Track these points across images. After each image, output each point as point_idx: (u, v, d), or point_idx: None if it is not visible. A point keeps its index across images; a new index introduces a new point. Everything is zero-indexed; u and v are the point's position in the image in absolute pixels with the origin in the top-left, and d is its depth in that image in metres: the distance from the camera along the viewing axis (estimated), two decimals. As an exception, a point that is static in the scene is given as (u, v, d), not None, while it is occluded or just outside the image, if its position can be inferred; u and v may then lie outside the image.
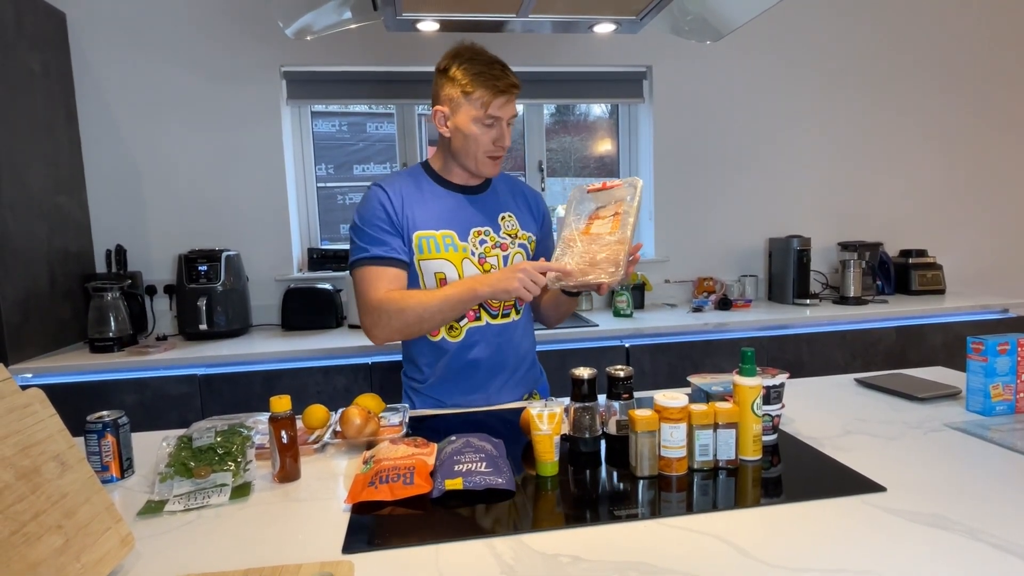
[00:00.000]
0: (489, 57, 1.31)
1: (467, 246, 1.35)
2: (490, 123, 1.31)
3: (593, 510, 0.88)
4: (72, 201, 2.31)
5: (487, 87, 1.28)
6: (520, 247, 1.41)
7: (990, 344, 1.19)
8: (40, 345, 2.08)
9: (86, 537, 0.74)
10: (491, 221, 1.39)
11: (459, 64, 1.30)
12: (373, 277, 1.31)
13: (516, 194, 1.48)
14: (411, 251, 1.34)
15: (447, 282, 1.34)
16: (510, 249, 1.39)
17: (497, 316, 1.39)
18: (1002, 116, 3.09)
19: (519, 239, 1.42)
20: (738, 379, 1.02)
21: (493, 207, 1.41)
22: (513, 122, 1.35)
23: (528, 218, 1.46)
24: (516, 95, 1.31)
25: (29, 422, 0.75)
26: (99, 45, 2.39)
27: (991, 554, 0.73)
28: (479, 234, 1.37)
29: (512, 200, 1.45)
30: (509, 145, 1.35)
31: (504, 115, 1.31)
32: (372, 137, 2.92)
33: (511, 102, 1.31)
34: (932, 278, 2.85)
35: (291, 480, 1.01)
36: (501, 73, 1.29)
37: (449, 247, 1.34)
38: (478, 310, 1.37)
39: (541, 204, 1.51)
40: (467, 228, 1.36)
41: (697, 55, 2.78)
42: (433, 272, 1.34)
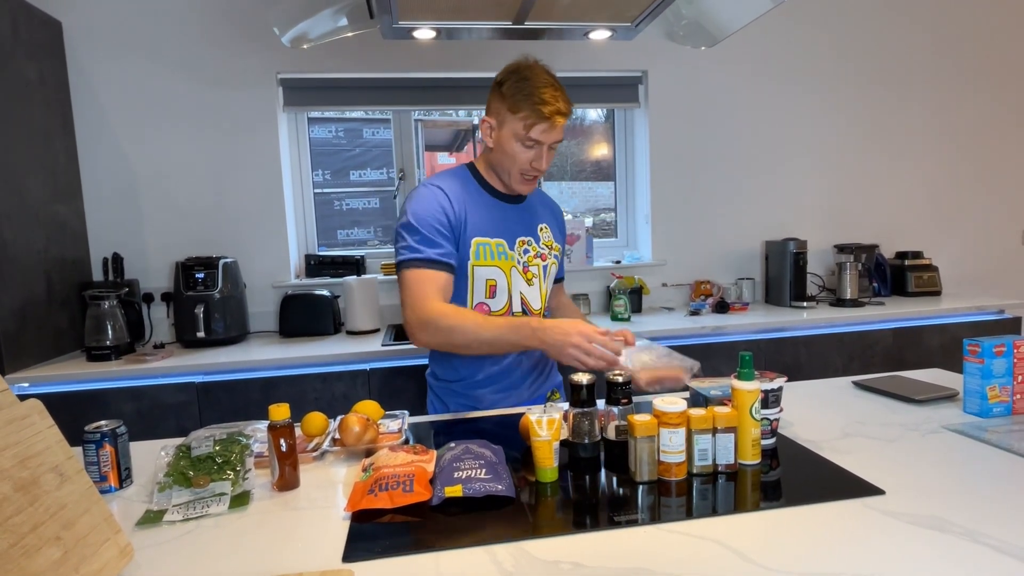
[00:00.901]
0: (543, 79, 1.29)
1: (514, 255, 1.38)
2: (531, 144, 1.30)
3: (593, 516, 0.88)
4: (69, 209, 2.31)
5: (532, 110, 1.27)
6: (555, 258, 1.47)
7: (986, 346, 1.19)
8: (37, 354, 2.07)
9: (85, 548, 0.73)
10: (532, 231, 1.43)
11: (513, 81, 1.29)
12: (426, 281, 1.27)
13: (544, 206, 1.51)
14: (465, 255, 1.32)
15: (497, 290, 1.35)
16: (548, 260, 1.45)
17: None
18: (997, 118, 3.11)
19: (553, 250, 1.47)
20: (736, 383, 1.02)
21: (532, 217, 1.44)
22: (557, 146, 1.34)
23: (556, 231, 1.51)
24: (563, 122, 1.30)
25: (27, 433, 0.75)
26: (95, 53, 2.39)
27: (991, 556, 0.73)
28: (523, 243, 1.40)
29: (545, 211, 1.50)
30: (546, 168, 1.35)
31: (546, 140, 1.30)
32: (369, 143, 2.92)
33: (556, 128, 1.30)
34: (928, 280, 2.86)
35: (290, 488, 1.01)
36: (551, 98, 1.26)
37: (501, 255, 1.36)
38: (520, 316, 1.39)
39: (561, 217, 1.57)
40: (514, 237, 1.39)
41: (692, 60, 2.79)
42: (484, 279, 1.35)
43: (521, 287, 1.39)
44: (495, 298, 1.36)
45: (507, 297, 1.37)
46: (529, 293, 1.40)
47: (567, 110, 1.30)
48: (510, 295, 1.37)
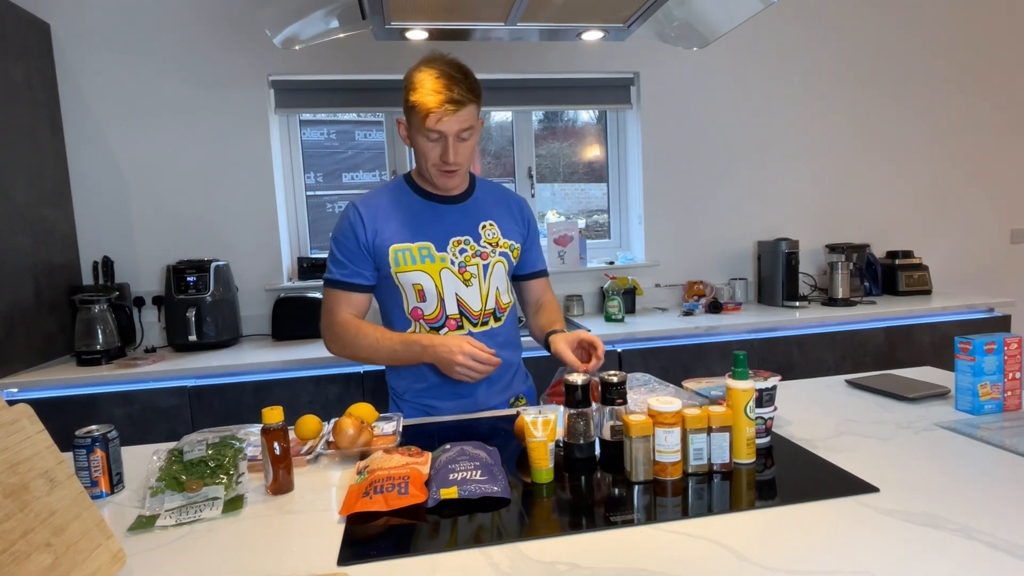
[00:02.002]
0: (442, 69, 1.25)
1: (446, 255, 1.36)
2: (435, 137, 1.27)
3: (589, 516, 0.88)
4: (58, 213, 2.29)
5: (424, 101, 1.23)
6: (501, 255, 1.41)
7: (977, 344, 1.20)
8: (26, 359, 2.05)
9: (76, 554, 0.72)
10: (471, 230, 1.39)
11: (413, 75, 1.28)
12: (336, 300, 1.37)
13: (500, 202, 1.46)
14: (386, 264, 1.35)
15: (425, 293, 1.35)
16: (491, 258, 1.40)
17: (477, 324, 1.39)
18: (986, 119, 3.14)
19: (500, 247, 1.41)
20: (731, 383, 1.03)
21: (473, 216, 1.40)
22: (470, 135, 1.29)
23: (512, 226, 1.45)
24: (456, 111, 1.24)
25: (17, 439, 0.74)
26: (84, 55, 2.37)
27: (985, 552, 0.73)
28: (458, 243, 1.37)
29: (496, 208, 1.44)
30: (458, 160, 1.29)
31: (445, 130, 1.25)
32: (361, 145, 2.92)
33: (451, 117, 1.24)
34: (919, 279, 2.88)
35: (284, 492, 1.01)
36: (443, 87, 1.23)
37: (426, 258, 1.34)
38: (460, 319, 1.38)
39: (526, 210, 1.50)
40: (445, 238, 1.36)
41: (684, 61, 2.80)
42: (411, 284, 1.35)
43: (456, 288, 1.36)
44: (426, 301, 1.36)
45: (438, 300, 1.36)
46: (467, 294, 1.37)
47: (461, 96, 1.23)
48: (441, 297, 1.36)
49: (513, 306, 1.47)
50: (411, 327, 1.38)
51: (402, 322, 1.38)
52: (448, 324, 1.37)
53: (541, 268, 1.54)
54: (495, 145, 3.10)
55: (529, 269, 1.51)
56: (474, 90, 1.27)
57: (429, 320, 1.37)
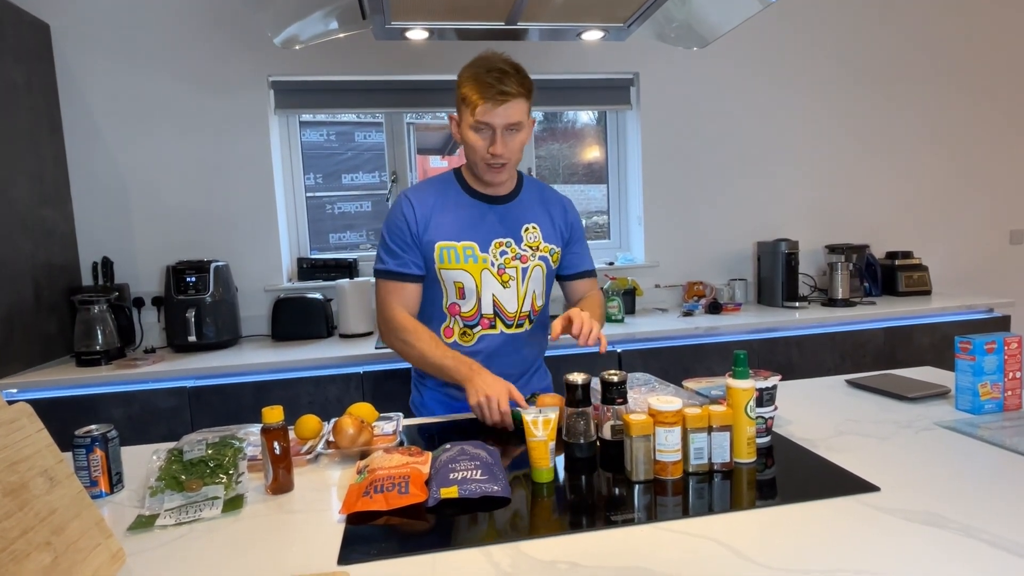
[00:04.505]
0: (492, 64, 1.28)
1: (488, 257, 1.37)
2: (482, 128, 1.29)
3: (590, 516, 0.88)
4: (57, 214, 2.29)
5: (474, 93, 1.27)
6: (540, 259, 1.42)
7: (977, 343, 1.20)
8: (26, 360, 2.05)
9: (76, 553, 0.72)
10: (513, 232, 1.40)
11: (465, 72, 1.31)
12: (390, 291, 1.38)
13: (545, 203, 1.46)
14: (431, 260, 1.36)
15: (464, 291, 1.37)
16: (530, 262, 1.40)
17: (512, 326, 1.41)
18: (985, 119, 3.14)
19: (540, 251, 1.42)
20: (731, 382, 1.03)
21: (517, 217, 1.41)
22: (518, 130, 1.31)
23: (553, 229, 1.45)
24: (506, 101, 1.26)
25: (16, 437, 0.74)
26: (84, 56, 2.37)
27: (986, 551, 0.73)
28: (500, 245, 1.38)
29: (540, 210, 1.44)
30: (504, 153, 1.30)
31: (494, 121, 1.27)
32: (361, 146, 2.92)
33: (501, 108, 1.26)
34: (918, 279, 2.89)
35: (284, 492, 1.00)
36: (495, 80, 1.25)
37: (469, 258, 1.36)
38: (494, 318, 1.39)
39: (570, 213, 1.49)
40: (488, 239, 1.38)
41: (683, 62, 2.80)
42: (453, 281, 1.37)
43: (494, 289, 1.38)
44: (465, 299, 1.38)
45: (476, 299, 1.38)
46: (503, 295, 1.38)
47: (515, 90, 1.26)
48: (479, 297, 1.37)
49: (545, 307, 1.48)
50: (446, 321, 1.40)
51: (439, 316, 1.40)
52: (482, 322, 1.39)
53: (586, 268, 1.53)
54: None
55: (574, 270, 1.51)
56: (524, 85, 1.29)
57: (465, 317, 1.39)
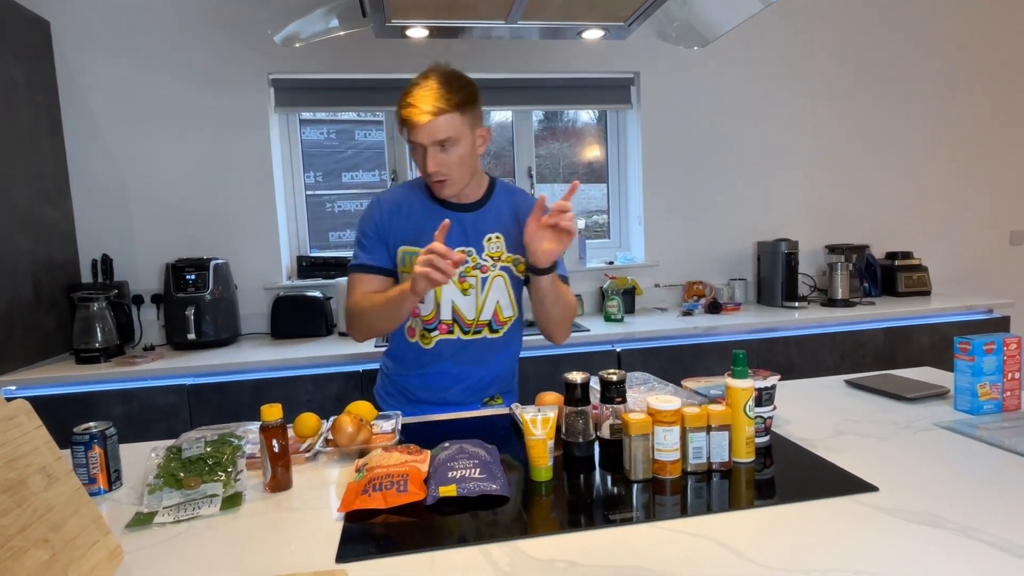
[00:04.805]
0: (424, 81, 1.27)
1: None
2: (416, 149, 1.29)
3: (588, 515, 0.88)
4: (57, 211, 2.28)
5: (401, 112, 1.27)
6: (502, 270, 1.39)
7: (977, 344, 1.20)
8: (25, 357, 2.05)
9: (74, 551, 0.72)
10: (475, 242, 1.38)
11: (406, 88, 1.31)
12: (355, 283, 1.39)
13: (515, 211, 1.42)
14: (394, 263, 1.38)
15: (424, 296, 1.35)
16: (490, 272, 1.38)
17: (469, 332, 1.40)
18: (985, 120, 3.14)
19: (502, 262, 1.39)
20: (730, 381, 1.03)
21: (481, 227, 1.39)
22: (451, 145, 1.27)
23: (519, 240, 1.38)
24: (427, 120, 1.24)
25: (14, 434, 0.74)
26: (84, 54, 2.37)
27: (984, 551, 0.73)
28: (461, 253, 1.34)
29: (508, 218, 1.41)
30: (440, 170, 1.28)
31: (420, 140, 1.26)
32: (361, 144, 2.91)
33: (424, 127, 1.24)
34: (918, 280, 2.89)
35: (283, 489, 1.00)
36: (417, 98, 1.25)
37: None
38: (452, 324, 1.39)
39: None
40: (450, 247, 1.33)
41: (684, 62, 2.80)
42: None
43: (453, 296, 1.37)
44: (424, 303, 1.39)
45: (434, 304, 1.38)
46: (462, 303, 1.37)
47: (434, 107, 1.24)
48: (438, 303, 1.38)
49: (517, 319, 1.45)
50: (409, 322, 1.41)
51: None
52: (440, 327, 1.39)
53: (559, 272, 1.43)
54: (495, 145, 3.10)
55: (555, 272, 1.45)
56: (451, 100, 1.25)
57: (424, 321, 1.39)
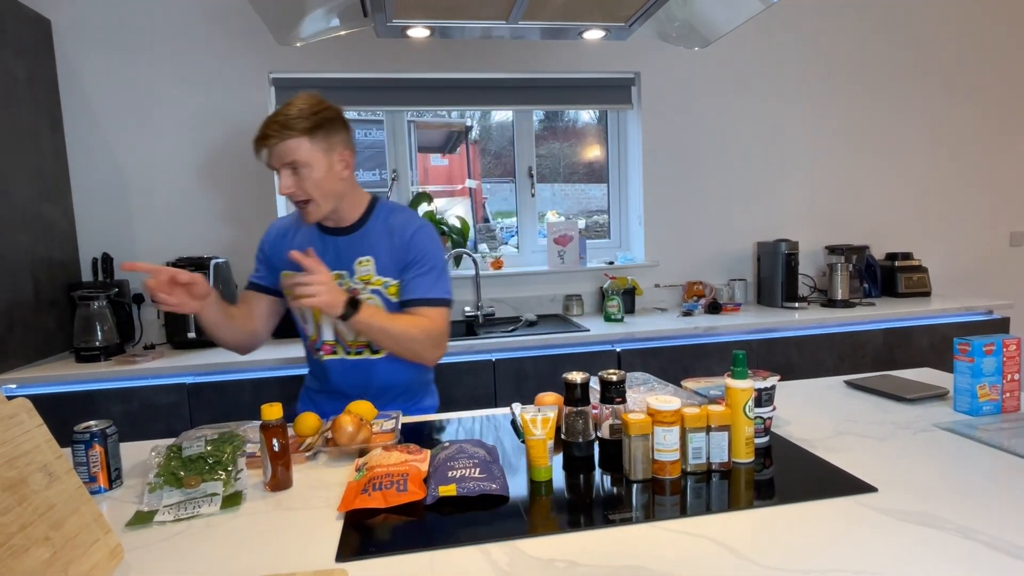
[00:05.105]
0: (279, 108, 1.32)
1: None
2: (275, 171, 1.34)
3: (588, 514, 0.88)
4: (57, 209, 2.28)
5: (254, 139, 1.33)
6: (373, 293, 1.39)
7: (976, 345, 1.21)
8: (25, 355, 2.05)
9: (74, 549, 0.72)
10: (347, 265, 1.40)
11: None
12: (242, 299, 1.50)
13: (389, 234, 1.40)
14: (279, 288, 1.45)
15: (306, 318, 1.45)
16: (361, 295, 1.38)
17: (351, 352, 1.43)
18: (984, 121, 3.14)
19: (372, 284, 1.39)
20: (730, 382, 1.03)
21: (353, 250, 1.40)
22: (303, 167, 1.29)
23: (390, 262, 1.39)
24: (273, 145, 1.29)
25: (15, 432, 0.74)
26: (85, 52, 2.37)
27: (983, 552, 0.73)
28: (336, 277, 1.38)
29: (380, 241, 1.40)
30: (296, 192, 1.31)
31: (271, 163, 1.32)
32: (361, 144, 2.91)
33: (274, 151, 1.30)
34: (918, 280, 2.89)
35: (283, 488, 1.01)
36: (264, 127, 1.30)
37: None
38: (334, 345, 1.44)
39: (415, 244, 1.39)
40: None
41: (685, 62, 2.80)
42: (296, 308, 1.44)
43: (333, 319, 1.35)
44: (307, 324, 1.46)
45: (315, 326, 1.44)
46: (342, 325, 1.37)
47: (273, 133, 1.29)
48: (318, 325, 1.43)
49: None
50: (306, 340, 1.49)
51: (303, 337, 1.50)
52: (324, 348, 1.44)
53: (416, 296, 1.39)
54: (495, 145, 3.10)
55: (404, 296, 1.40)
56: (300, 126, 1.29)
57: (311, 341, 1.46)
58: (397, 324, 1.34)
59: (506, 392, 2.16)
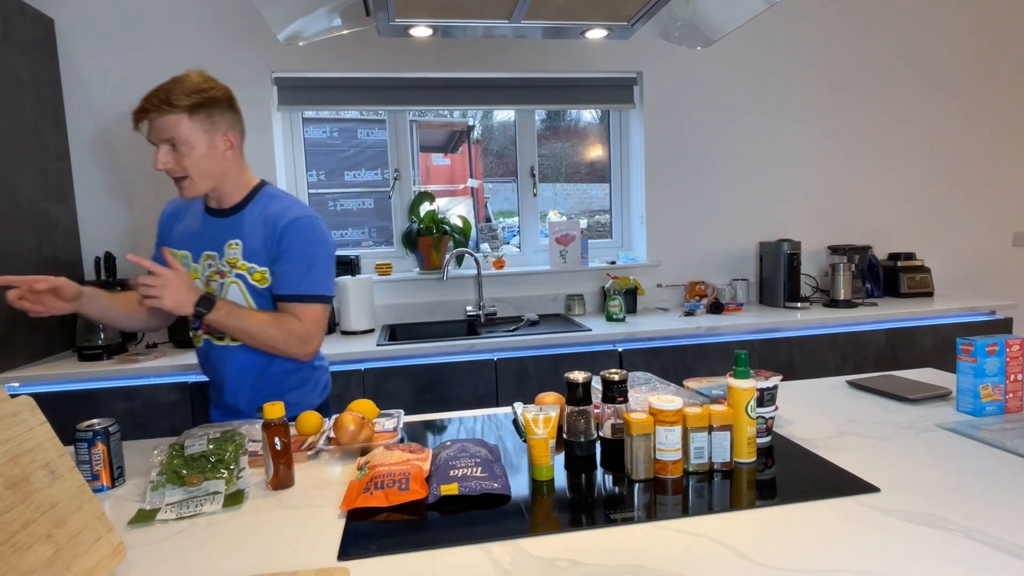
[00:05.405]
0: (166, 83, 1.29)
1: (198, 267, 1.39)
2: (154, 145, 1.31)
3: (589, 514, 0.88)
4: (60, 208, 2.29)
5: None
6: (237, 277, 1.36)
7: (979, 345, 1.20)
8: (28, 354, 2.05)
9: (77, 546, 0.73)
10: (218, 246, 1.38)
11: None
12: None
13: (264, 222, 1.37)
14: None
15: None
16: (227, 278, 1.36)
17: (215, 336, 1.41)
18: (988, 120, 3.13)
19: (237, 268, 1.36)
20: (732, 382, 1.03)
21: (227, 232, 1.37)
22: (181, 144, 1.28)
23: (260, 248, 1.36)
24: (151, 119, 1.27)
25: (18, 430, 0.74)
26: (88, 51, 2.37)
27: (985, 552, 0.73)
28: (208, 258, 1.38)
29: (254, 227, 1.37)
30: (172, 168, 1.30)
31: (152, 138, 1.29)
32: (363, 143, 2.92)
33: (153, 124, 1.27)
34: (920, 281, 2.88)
35: (285, 487, 1.01)
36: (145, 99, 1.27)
37: (185, 267, 1.37)
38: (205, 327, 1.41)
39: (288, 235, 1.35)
40: (200, 251, 1.39)
41: (687, 62, 2.80)
42: None
43: None
44: None
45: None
46: None
47: (151, 104, 1.26)
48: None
49: None
50: None
51: None
52: (202, 328, 1.42)
53: (284, 292, 1.36)
54: (497, 145, 3.10)
55: (275, 291, 1.37)
56: (179, 102, 1.26)
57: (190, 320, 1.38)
58: (254, 322, 1.32)
59: (508, 391, 2.16)
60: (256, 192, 1.41)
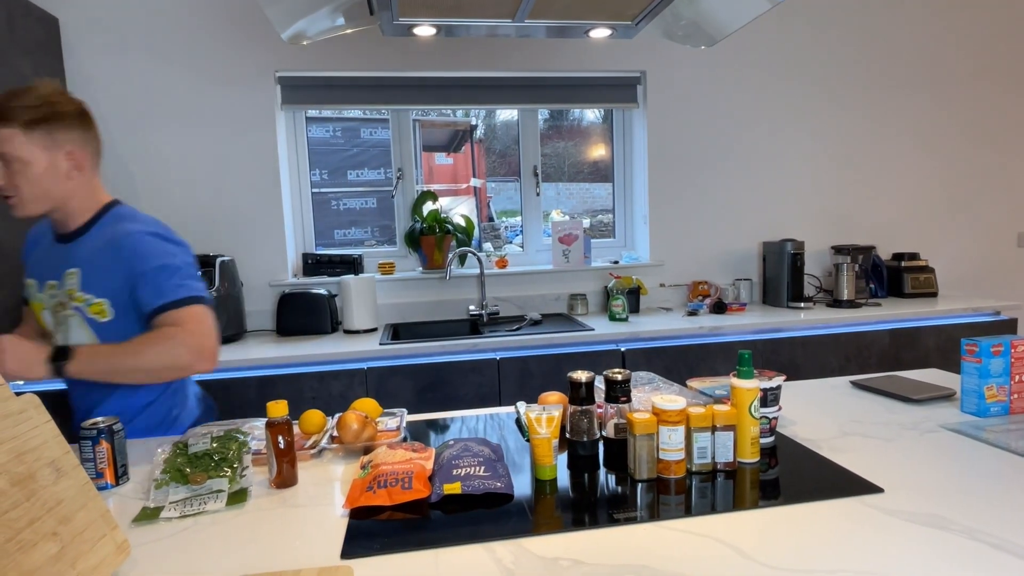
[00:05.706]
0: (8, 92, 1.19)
1: (44, 297, 1.29)
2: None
3: (592, 513, 0.88)
4: (65, 207, 2.30)
5: None
6: (75, 309, 1.23)
7: (984, 346, 1.20)
8: (32, 352, 2.06)
9: (81, 544, 0.73)
10: (59, 275, 1.26)
11: None
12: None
13: (105, 247, 1.23)
14: None
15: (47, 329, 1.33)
16: (67, 310, 1.25)
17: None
18: (991, 120, 3.12)
19: (75, 300, 1.23)
20: (735, 382, 1.03)
21: (67, 260, 1.26)
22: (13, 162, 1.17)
23: (101, 278, 1.23)
24: None
25: (24, 428, 0.75)
26: (92, 50, 2.38)
27: (990, 553, 0.73)
28: (51, 287, 1.28)
29: (95, 255, 1.24)
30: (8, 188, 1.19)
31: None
32: (367, 143, 2.92)
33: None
34: (924, 281, 2.87)
35: (288, 486, 1.01)
36: None
37: (33, 297, 1.31)
38: None
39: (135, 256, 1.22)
40: (44, 279, 1.29)
41: (691, 61, 2.79)
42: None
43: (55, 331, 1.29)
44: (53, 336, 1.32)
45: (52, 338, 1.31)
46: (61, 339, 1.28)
47: None
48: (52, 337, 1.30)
49: None
50: None
51: None
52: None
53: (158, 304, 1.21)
54: (500, 144, 3.10)
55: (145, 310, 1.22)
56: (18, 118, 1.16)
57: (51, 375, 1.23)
58: (127, 351, 1.17)
59: (510, 391, 2.16)
60: (101, 215, 1.28)
